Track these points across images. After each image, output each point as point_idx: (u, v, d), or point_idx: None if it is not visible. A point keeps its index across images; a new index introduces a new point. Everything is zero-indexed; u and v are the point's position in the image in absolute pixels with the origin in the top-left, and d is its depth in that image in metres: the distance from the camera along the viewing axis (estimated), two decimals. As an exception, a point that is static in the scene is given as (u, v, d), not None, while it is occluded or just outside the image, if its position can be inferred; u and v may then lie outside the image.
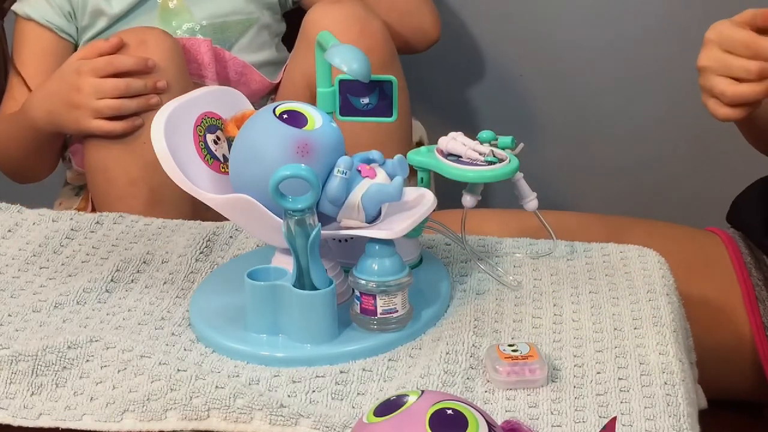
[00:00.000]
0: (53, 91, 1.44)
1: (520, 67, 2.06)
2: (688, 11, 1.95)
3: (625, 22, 1.99)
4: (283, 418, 0.88)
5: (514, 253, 1.16)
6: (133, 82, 1.40)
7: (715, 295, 1.33)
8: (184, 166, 0.98)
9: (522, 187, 1.11)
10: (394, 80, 1.07)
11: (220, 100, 1.07)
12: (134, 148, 1.41)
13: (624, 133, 2.06)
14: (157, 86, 1.40)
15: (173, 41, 1.44)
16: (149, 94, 1.40)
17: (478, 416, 0.74)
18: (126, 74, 1.40)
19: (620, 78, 2.02)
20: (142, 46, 1.41)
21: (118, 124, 1.41)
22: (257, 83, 1.57)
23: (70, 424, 0.90)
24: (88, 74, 1.40)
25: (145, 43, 1.42)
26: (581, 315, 1.04)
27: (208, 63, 1.50)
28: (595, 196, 2.11)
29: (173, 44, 1.44)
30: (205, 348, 0.99)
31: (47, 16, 1.55)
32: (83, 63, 1.41)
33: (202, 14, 1.56)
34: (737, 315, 1.33)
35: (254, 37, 1.59)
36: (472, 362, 0.96)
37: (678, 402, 0.90)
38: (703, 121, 1.47)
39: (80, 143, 1.49)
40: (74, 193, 1.62)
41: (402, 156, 1.01)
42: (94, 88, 1.40)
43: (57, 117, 1.44)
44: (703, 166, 2.02)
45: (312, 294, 0.96)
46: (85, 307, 1.06)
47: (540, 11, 2.01)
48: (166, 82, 1.41)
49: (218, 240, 1.19)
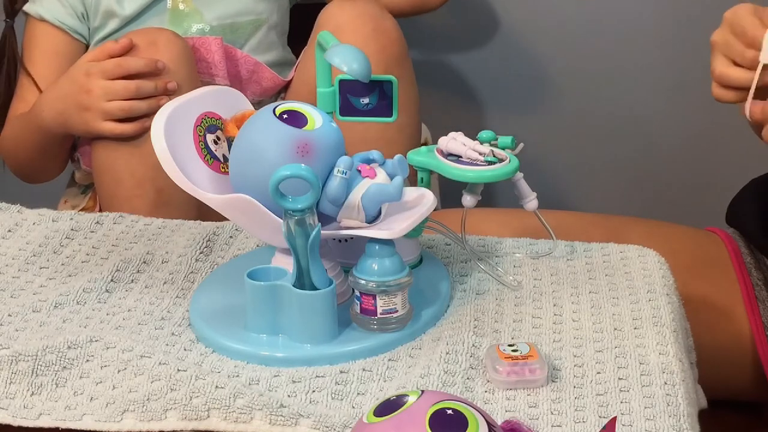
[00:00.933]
0: (63, 93, 1.44)
1: (520, 67, 2.06)
2: (688, 12, 1.95)
3: (625, 23, 1.99)
4: (283, 418, 0.88)
5: (514, 253, 1.16)
6: (143, 84, 1.40)
7: (715, 295, 1.33)
8: (184, 166, 0.98)
9: (522, 187, 1.11)
10: (394, 80, 1.07)
11: (220, 100, 1.07)
12: (142, 150, 1.41)
13: (624, 133, 2.06)
14: (167, 87, 1.40)
15: (183, 42, 1.44)
16: (159, 95, 1.40)
17: (478, 416, 0.74)
18: (136, 76, 1.40)
19: (620, 78, 2.02)
20: (152, 47, 1.41)
21: (128, 126, 1.41)
22: (269, 81, 1.57)
23: (70, 424, 0.90)
24: (98, 76, 1.40)
25: (155, 44, 1.42)
26: (581, 315, 1.04)
27: (219, 61, 1.51)
28: (595, 196, 2.11)
29: (183, 45, 1.44)
30: (205, 348, 0.99)
31: (60, 16, 1.55)
32: (93, 65, 1.41)
33: (213, 15, 1.56)
34: (737, 315, 1.33)
35: (263, 37, 1.60)
36: (472, 362, 0.96)
37: (678, 402, 0.90)
38: (703, 122, 1.47)
39: (89, 144, 1.49)
40: (80, 192, 1.62)
41: (402, 156, 1.01)
42: (104, 90, 1.40)
43: (67, 119, 1.44)
44: (703, 166, 2.02)
45: (312, 294, 0.96)
46: (85, 307, 1.06)
47: (540, 11, 2.01)
48: (177, 84, 1.41)
49: (218, 240, 1.19)
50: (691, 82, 1.93)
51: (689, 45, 1.92)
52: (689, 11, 1.94)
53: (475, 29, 2.04)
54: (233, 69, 1.54)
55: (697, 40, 1.16)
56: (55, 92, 1.46)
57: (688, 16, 1.94)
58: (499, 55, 2.05)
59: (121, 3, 1.55)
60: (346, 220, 0.99)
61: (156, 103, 1.40)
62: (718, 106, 1.42)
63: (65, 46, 1.56)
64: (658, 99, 2.01)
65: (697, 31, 1.20)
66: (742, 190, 1.43)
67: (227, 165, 1.02)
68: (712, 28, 1.17)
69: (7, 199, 1.28)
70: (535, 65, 2.06)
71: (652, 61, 2.00)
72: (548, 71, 2.05)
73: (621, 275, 1.12)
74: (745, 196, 1.42)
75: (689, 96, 1.96)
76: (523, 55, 2.04)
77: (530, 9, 2.01)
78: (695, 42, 1.19)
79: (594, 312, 1.05)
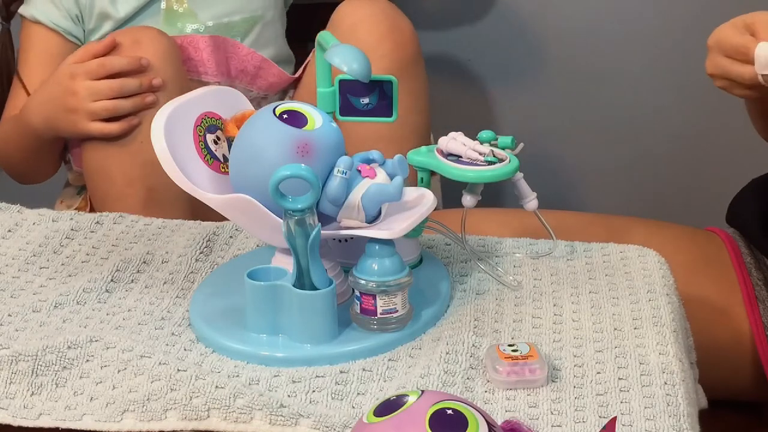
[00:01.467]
0: (49, 97, 1.44)
1: (520, 66, 2.06)
2: (689, 12, 1.95)
3: (625, 23, 1.99)
4: (283, 418, 0.88)
5: (514, 253, 1.16)
6: (128, 82, 1.40)
7: (715, 295, 1.33)
8: (184, 166, 0.98)
9: (522, 187, 1.11)
10: (394, 80, 1.07)
11: (220, 100, 1.07)
12: (131, 149, 1.41)
13: (624, 133, 2.06)
14: (152, 84, 1.40)
15: (168, 39, 1.44)
16: (144, 92, 1.40)
17: (478, 416, 0.74)
18: (121, 74, 1.40)
19: (620, 78, 2.02)
20: (135, 45, 1.41)
21: (115, 125, 1.40)
22: (275, 77, 1.57)
23: (70, 424, 0.90)
24: (83, 77, 1.40)
25: (139, 43, 1.41)
26: (581, 315, 1.04)
27: (207, 59, 1.51)
28: (595, 196, 2.11)
29: (168, 42, 1.44)
30: (205, 348, 0.99)
31: (54, 18, 1.55)
32: (77, 66, 1.41)
33: (207, 15, 1.56)
34: (737, 314, 1.33)
35: (259, 34, 1.60)
36: (472, 362, 0.96)
37: (678, 402, 0.90)
38: (704, 122, 1.47)
39: (79, 146, 1.49)
40: (76, 192, 1.62)
41: (402, 156, 1.02)
42: (88, 91, 1.40)
43: (55, 122, 1.44)
44: (703, 166, 2.02)
45: (312, 294, 0.96)
46: (85, 307, 1.06)
47: (540, 11, 2.01)
48: (162, 80, 1.41)
49: (218, 240, 1.19)
50: (691, 82, 1.93)
51: (690, 45, 1.92)
52: (690, 11, 1.94)
53: (475, 29, 2.04)
54: (230, 65, 1.54)
55: (698, 40, 1.16)
56: (41, 96, 1.46)
57: (689, 16, 1.94)
58: (500, 55, 2.05)
59: (115, 5, 1.54)
60: (346, 220, 0.99)
61: (141, 100, 1.40)
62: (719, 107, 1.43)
63: (60, 48, 1.56)
64: (658, 99, 2.01)
65: (698, 31, 1.20)
66: (742, 191, 1.43)
67: (227, 165, 1.02)
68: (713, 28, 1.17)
69: (7, 199, 1.28)
70: (536, 65, 2.05)
71: (653, 61, 2.00)
72: (549, 71, 2.05)
73: (621, 275, 1.11)
74: (745, 196, 1.42)
75: (690, 96, 1.96)
76: (523, 54, 2.04)
77: (531, 9, 2.01)
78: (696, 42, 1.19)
79: (594, 312, 1.05)
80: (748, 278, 1.35)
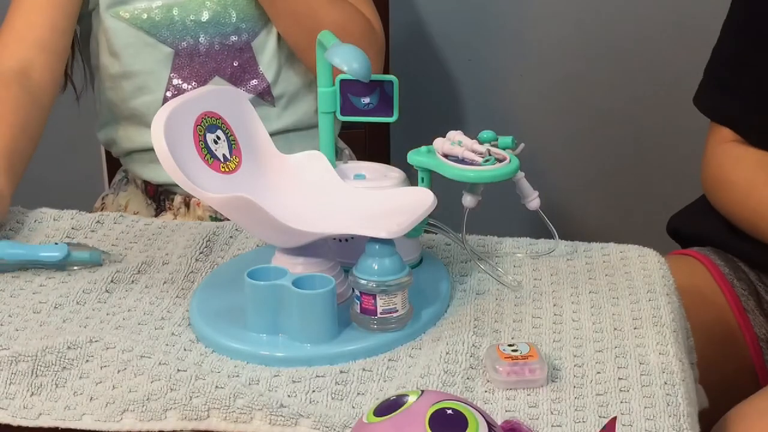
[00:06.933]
0: None
1: (519, 67, 2.06)
2: (689, 12, 1.95)
3: (625, 23, 1.99)
4: (283, 418, 0.88)
5: (514, 253, 1.16)
6: None
7: (711, 317, 1.32)
8: (184, 166, 0.98)
9: (523, 186, 1.11)
10: (394, 80, 1.07)
11: (220, 99, 1.06)
12: None
13: (624, 132, 2.06)
14: None
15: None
16: None
17: (478, 416, 0.74)
18: None
19: (619, 78, 2.02)
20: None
21: None
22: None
23: (69, 424, 0.90)
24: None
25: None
26: (581, 315, 1.04)
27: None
28: (595, 196, 2.11)
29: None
30: (205, 348, 0.99)
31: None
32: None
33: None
34: (733, 331, 1.32)
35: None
36: (472, 362, 0.96)
37: (678, 402, 0.90)
38: (703, 121, 1.47)
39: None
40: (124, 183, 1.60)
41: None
42: None
43: None
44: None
45: (312, 294, 0.96)
46: (85, 307, 1.06)
47: (540, 11, 2.01)
48: None
49: (218, 240, 1.19)
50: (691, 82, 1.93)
51: (690, 45, 1.93)
52: (689, 11, 1.94)
53: (475, 29, 2.05)
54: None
55: (698, 39, 1.16)
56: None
57: (689, 16, 1.94)
58: (499, 55, 2.05)
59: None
60: None
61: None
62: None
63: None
64: (658, 98, 2.02)
65: (698, 31, 1.20)
66: (688, 209, 1.43)
67: (227, 164, 1.02)
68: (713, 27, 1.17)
69: (28, 203, 1.28)
70: (535, 65, 2.06)
71: (654, 61, 2.00)
72: (548, 71, 2.05)
73: (621, 275, 1.12)
74: (694, 211, 1.41)
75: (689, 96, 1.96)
76: (523, 54, 2.04)
77: (530, 9, 2.01)
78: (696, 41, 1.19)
79: (594, 312, 1.05)
80: (733, 290, 1.34)
